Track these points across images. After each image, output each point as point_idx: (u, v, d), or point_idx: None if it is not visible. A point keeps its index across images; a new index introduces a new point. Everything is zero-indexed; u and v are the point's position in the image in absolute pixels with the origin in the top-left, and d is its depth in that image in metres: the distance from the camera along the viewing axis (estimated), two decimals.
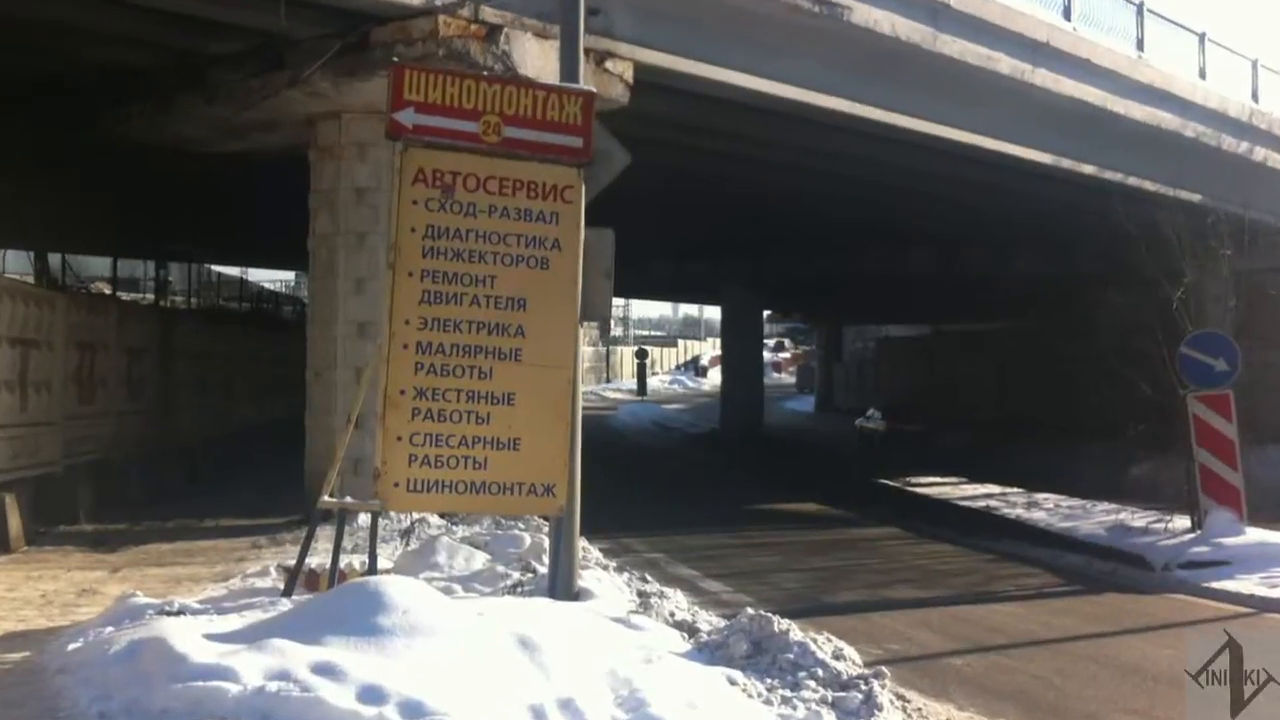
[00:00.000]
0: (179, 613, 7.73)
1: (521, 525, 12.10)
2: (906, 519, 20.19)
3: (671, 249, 37.69)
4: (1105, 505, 19.47)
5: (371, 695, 5.55)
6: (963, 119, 20.67)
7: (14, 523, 12.90)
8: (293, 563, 8.89)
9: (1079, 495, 21.11)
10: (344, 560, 9.01)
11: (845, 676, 6.89)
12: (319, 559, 9.72)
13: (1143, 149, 23.50)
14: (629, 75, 15.63)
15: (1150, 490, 19.26)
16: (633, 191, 10.90)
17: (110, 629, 7.29)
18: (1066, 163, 22.91)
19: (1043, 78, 20.82)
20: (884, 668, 7.21)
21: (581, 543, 9.57)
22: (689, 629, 8.15)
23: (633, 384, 69.70)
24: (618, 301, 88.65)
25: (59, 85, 17.17)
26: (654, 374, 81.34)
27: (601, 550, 12.32)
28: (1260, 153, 26.03)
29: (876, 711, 6.50)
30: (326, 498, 8.35)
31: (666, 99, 17.54)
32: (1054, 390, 32.67)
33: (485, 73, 11.91)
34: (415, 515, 12.47)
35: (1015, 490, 22.96)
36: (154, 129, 17.04)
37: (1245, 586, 13.07)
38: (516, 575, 9.61)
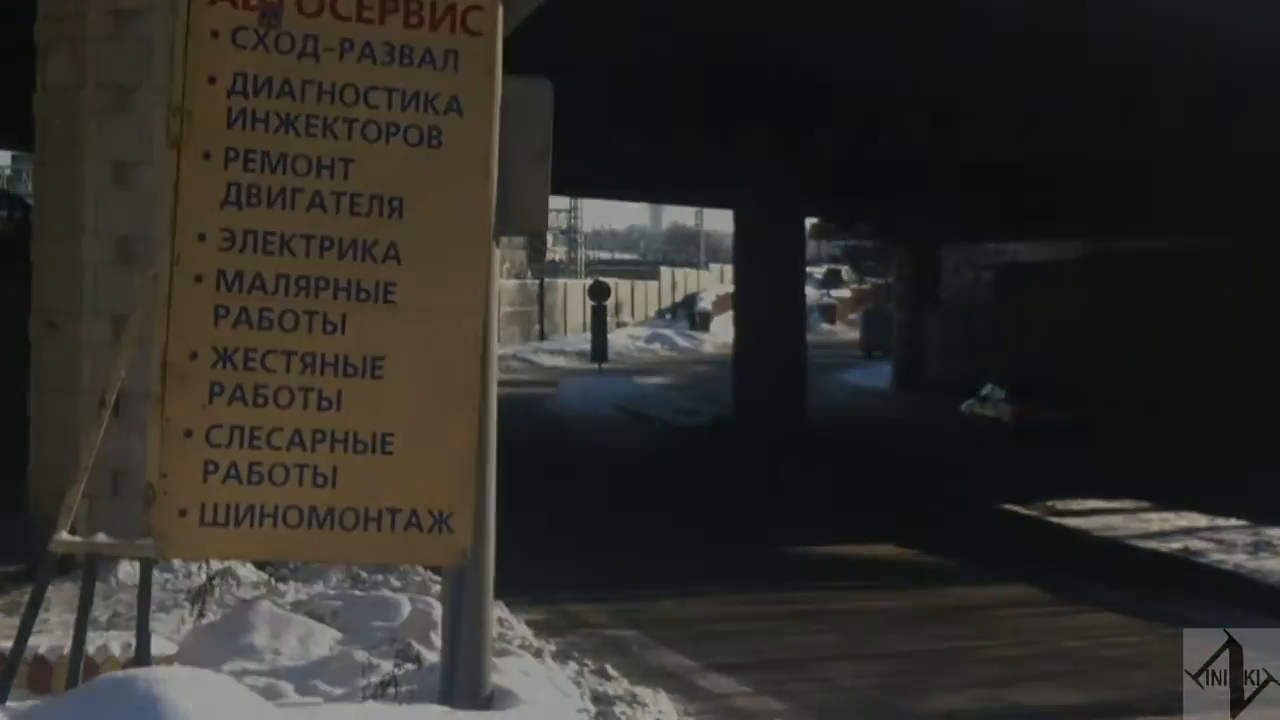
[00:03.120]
0: None
1: (397, 582, 12.08)
2: (1047, 570, 20.29)
3: (649, 115, 37.56)
4: None
5: None
6: None
7: None
8: (8, 645, 8.84)
9: None
10: (95, 640, 8.95)
11: None
12: (52, 638, 9.65)
13: None
14: None
15: None
16: (585, 19, 10.81)
17: None
18: None
19: None
20: None
21: (499, 611, 9.55)
22: None
23: (585, 342, 69.73)
24: (559, 203, 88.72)
25: None
26: (620, 325, 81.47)
27: (532, 624, 12.33)
28: None
29: None
30: (66, 535, 8.29)
31: None
32: None
33: None
34: (217, 564, 12.44)
35: (1233, 523, 23.09)
36: None
37: None
38: (388, 667, 9.60)
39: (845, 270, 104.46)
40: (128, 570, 12.37)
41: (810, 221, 53.39)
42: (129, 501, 10.54)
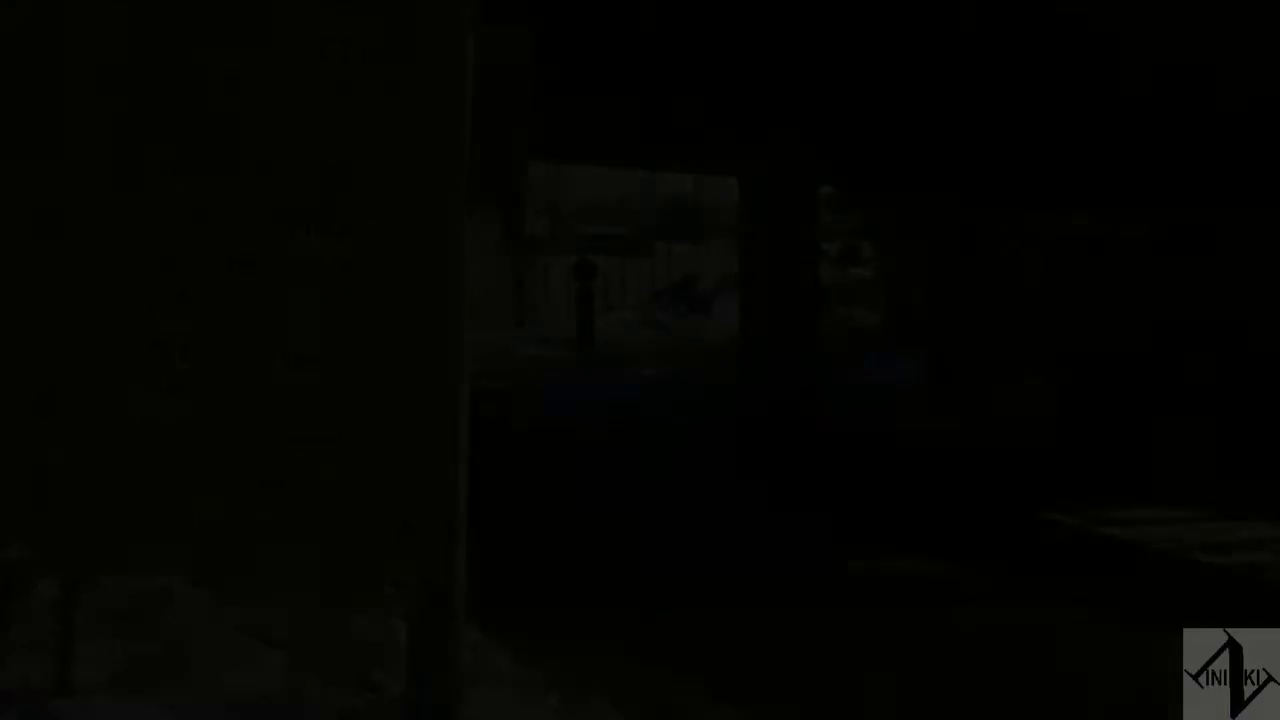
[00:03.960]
0: None
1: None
2: (1096, 588, 20.29)
3: (643, 68, 37.53)
4: None
5: None
6: None
7: None
8: None
9: None
10: (10, 668, 8.96)
11: None
12: None
13: None
14: None
15: None
16: None
17: None
18: None
19: None
20: None
21: (472, 633, 9.57)
22: None
23: (568, 329, 69.64)
24: (540, 170, 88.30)
25: None
26: (609, 308, 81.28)
27: (511, 648, 12.35)
28: None
29: None
30: None
31: None
32: None
33: None
34: (148, 580, 12.46)
35: None
36: None
37: None
38: (344, 698, 9.62)
39: (865, 246, 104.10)
40: (47, 587, 12.41)
41: (824, 188, 53.25)
42: (48, 508, 10.57)
